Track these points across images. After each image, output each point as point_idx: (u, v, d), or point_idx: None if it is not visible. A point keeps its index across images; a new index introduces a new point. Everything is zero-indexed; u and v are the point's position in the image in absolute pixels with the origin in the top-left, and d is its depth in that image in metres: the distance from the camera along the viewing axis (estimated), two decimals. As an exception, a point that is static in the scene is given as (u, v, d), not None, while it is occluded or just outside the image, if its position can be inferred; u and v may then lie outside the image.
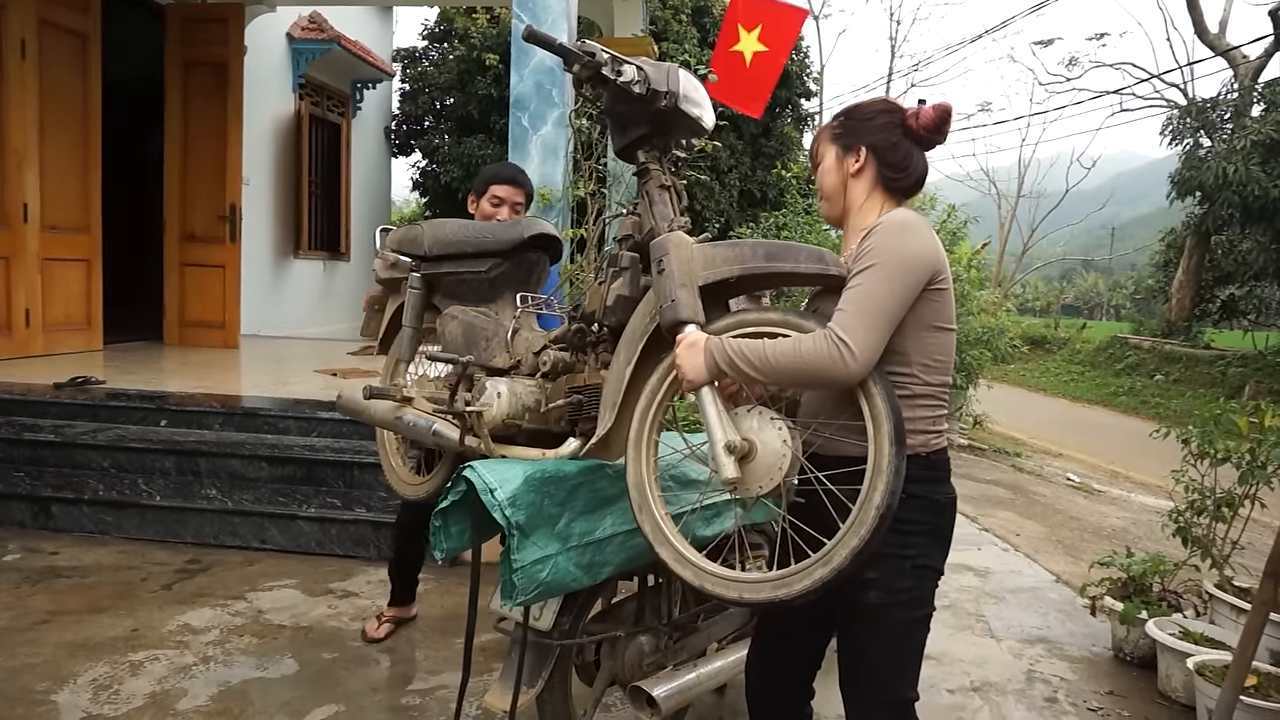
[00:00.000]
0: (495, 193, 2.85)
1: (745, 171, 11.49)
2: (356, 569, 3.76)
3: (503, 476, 1.80)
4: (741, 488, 1.56)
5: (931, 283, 1.57)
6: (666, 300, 1.62)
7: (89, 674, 2.71)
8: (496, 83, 10.46)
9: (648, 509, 1.69)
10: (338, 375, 5.94)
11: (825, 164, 1.75)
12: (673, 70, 1.71)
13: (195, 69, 7.08)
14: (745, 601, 1.54)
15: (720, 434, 1.54)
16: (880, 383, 1.49)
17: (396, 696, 2.71)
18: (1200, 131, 15.42)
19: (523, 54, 4.83)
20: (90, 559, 3.70)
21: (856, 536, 1.42)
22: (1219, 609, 3.23)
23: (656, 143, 1.78)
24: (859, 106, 1.76)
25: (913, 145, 1.69)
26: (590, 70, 1.66)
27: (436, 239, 2.32)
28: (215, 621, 3.14)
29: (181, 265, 7.21)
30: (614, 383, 1.78)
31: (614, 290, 1.82)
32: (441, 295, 2.38)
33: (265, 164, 8.63)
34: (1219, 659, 2.76)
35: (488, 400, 1.98)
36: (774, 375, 1.53)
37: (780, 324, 1.59)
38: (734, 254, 1.63)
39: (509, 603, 1.80)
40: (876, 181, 1.70)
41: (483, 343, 2.19)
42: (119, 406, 4.61)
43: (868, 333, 1.48)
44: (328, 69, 9.65)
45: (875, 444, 1.46)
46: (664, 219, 1.72)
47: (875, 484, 1.43)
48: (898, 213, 1.62)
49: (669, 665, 2.18)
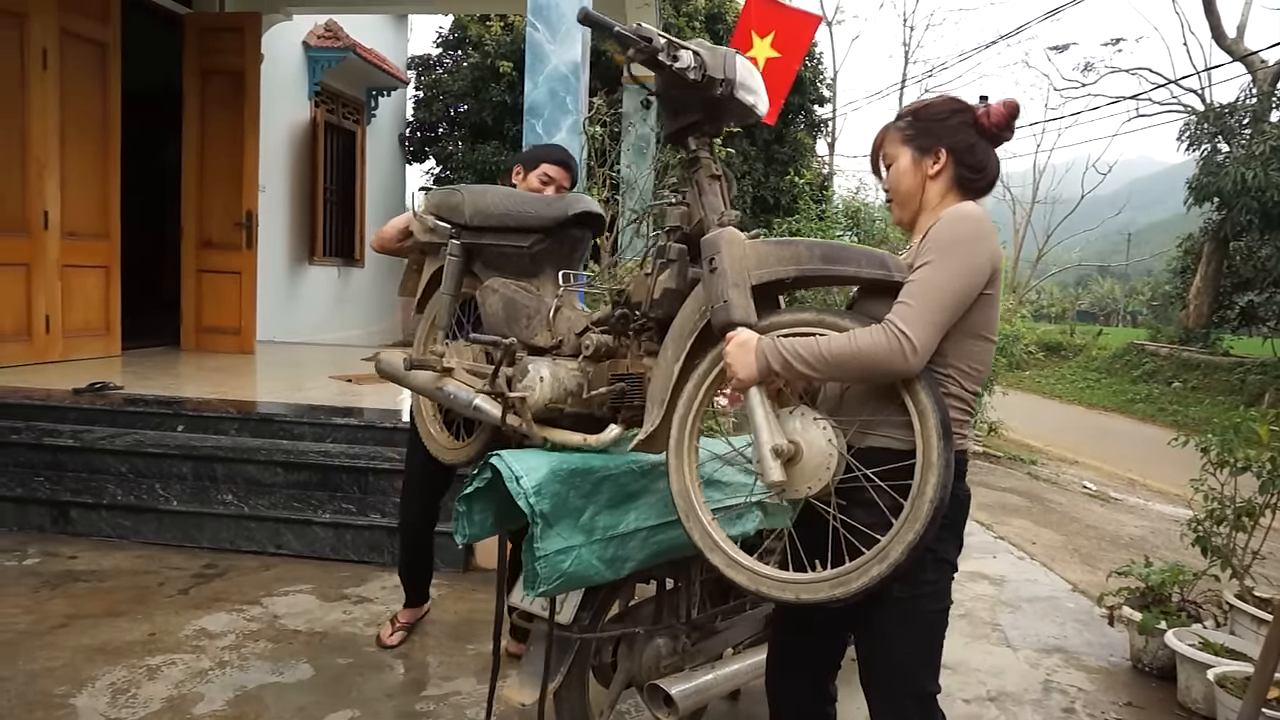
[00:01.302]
0: (546, 171, 2.77)
1: (758, 178, 11.49)
2: (371, 574, 3.77)
3: (529, 465, 1.81)
4: (789, 490, 1.54)
5: (987, 285, 1.56)
6: (719, 300, 1.60)
7: (107, 678, 2.73)
8: (510, 90, 10.51)
9: (695, 516, 1.68)
10: (352, 381, 5.96)
11: (900, 166, 1.72)
12: (729, 56, 1.66)
13: (212, 77, 7.15)
14: (803, 602, 1.53)
15: (768, 436, 1.53)
16: (925, 377, 1.49)
17: (411, 702, 2.71)
18: (1218, 137, 15.31)
19: (537, 61, 4.84)
20: (108, 563, 3.73)
21: (911, 531, 1.42)
22: (1239, 620, 3.19)
23: (708, 129, 1.74)
24: (928, 106, 1.73)
25: (986, 144, 1.68)
26: (646, 55, 1.61)
27: (478, 209, 2.26)
28: (231, 626, 3.16)
29: (198, 271, 7.27)
30: (662, 379, 1.75)
31: (660, 283, 1.79)
32: (481, 265, 2.34)
33: (281, 171, 8.70)
34: (1240, 670, 2.73)
35: (529, 384, 1.96)
36: (830, 371, 1.52)
37: (831, 326, 1.57)
38: (789, 254, 1.61)
39: (531, 592, 1.80)
40: (953, 183, 1.68)
41: (524, 320, 2.16)
42: (137, 412, 4.64)
43: (928, 325, 1.48)
44: (343, 77, 9.72)
45: (924, 438, 1.46)
46: (714, 210, 1.69)
47: (927, 478, 1.43)
48: (962, 205, 1.61)
49: (685, 667, 2.18)
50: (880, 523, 1.50)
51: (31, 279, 5.81)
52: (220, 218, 7.21)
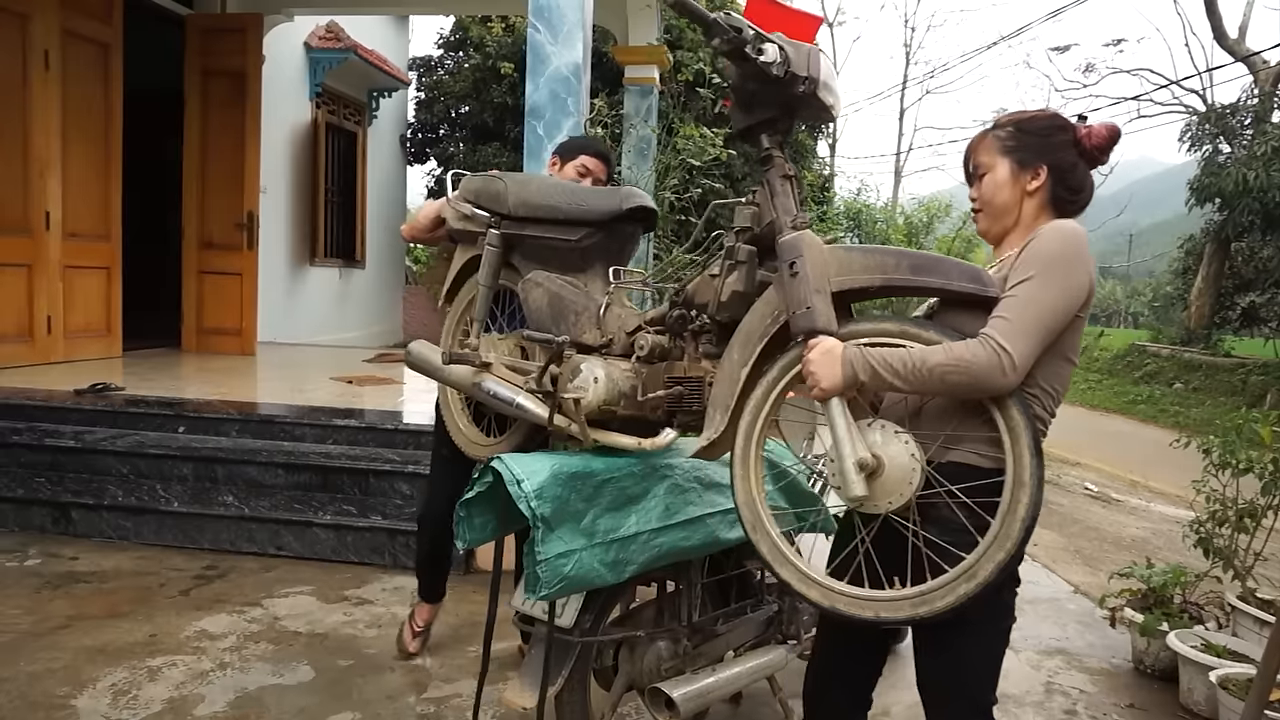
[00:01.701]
0: (584, 163, 2.68)
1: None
2: (372, 576, 3.77)
3: (531, 468, 1.80)
4: (868, 504, 1.49)
5: (1080, 307, 1.53)
6: (800, 307, 1.54)
7: (108, 679, 2.73)
8: (511, 91, 10.53)
9: (762, 529, 1.62)
10: (353, 383, 5.97)
11: (996, 177, 1.66)
12: (814, 53, 1.60)
13: (214, 78, 7.15)
14: (883, 620, 1.49)
15: (850, 450, 1.47)
16: (1016, 393, 1.45)
17: (412, 704, 2.71)
18: (1220, 137, 15.30)
19: (538, 62, 4.84)
20: (109, 564, 3.73)
21: (1002, 550, 1.39)
22: (1242, 621, 3.19)
23: (782, 127, 1.67)
24: (1032, 119, 1.67)
25: (1085, 166, 1.64)
26: (732, 45, 1.54)
27: (523, 200, 2.15)
28: (232, 627, 3.16)
29: (200, 272, 7.28)
30: (727, 384, 1.67)
31: (729, 285, 1.72)
32: (521, 256, 2.22)
33: (282, 172, 8.70)
34: (1242, 672, 2.73)
35: (583, 384, 1.88)
36: (922, 384, 1.46)
37: (915, 338, 1.51)
38: (874, 262, 1.54)
39: (532, 595, 1.79)
40: (1048, 202, 1.64)
41: (571, 316, 2.07)
42: (138, 413, 4.64)
43: (1027, 342, 1.44)
44: (344, 78, 9.73)
45: (1015, 455, 1.42)
46: (786, 212, 1.63)
47: (1019, 496, 1.40)
48: (1063, 222, 1.57)
49: (687, 670, 2.18)
50: (955, 540, 1.46)
51: (33, 280, 5.81)
52: (221, 219, 7.21)
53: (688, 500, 2.07)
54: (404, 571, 3.83)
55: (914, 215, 9.89)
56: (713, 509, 2.12)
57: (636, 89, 7.61)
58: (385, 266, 11.59)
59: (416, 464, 4.20)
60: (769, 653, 2.37)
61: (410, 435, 4.47)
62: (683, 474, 2.08)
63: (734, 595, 2.42)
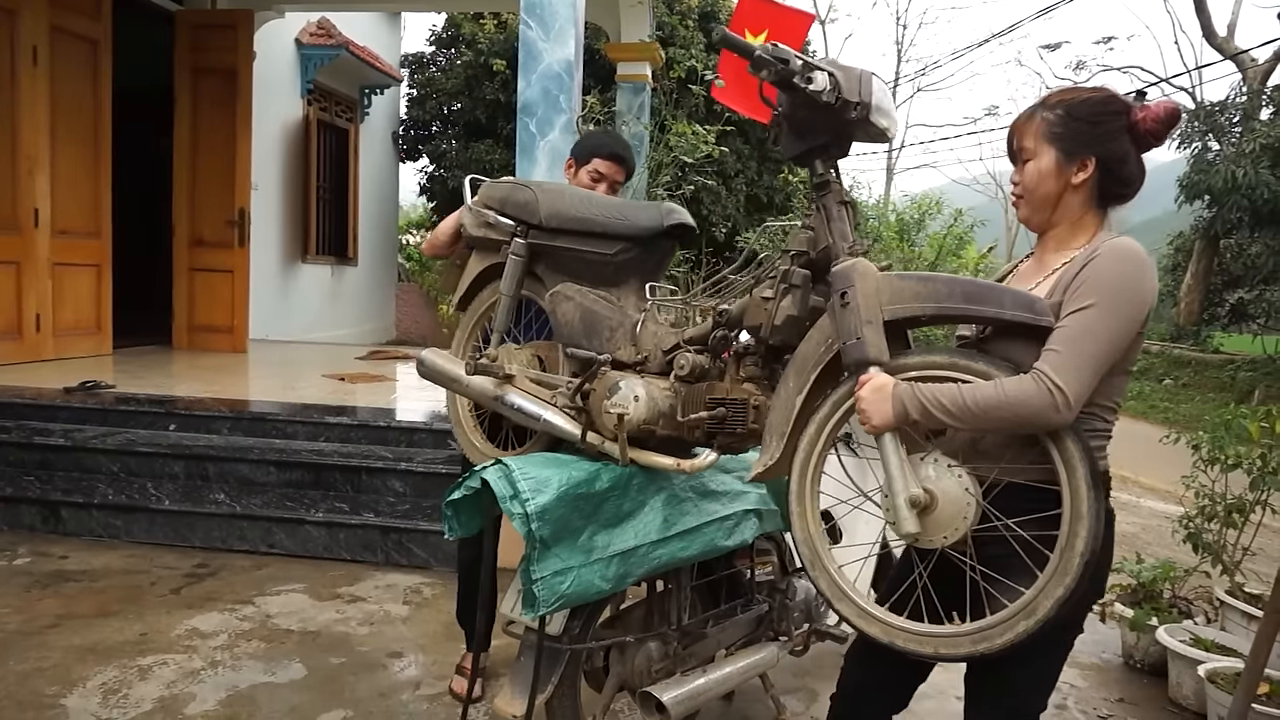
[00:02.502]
0: (598, 167, 2.62)
1: (752, 176, 11.50)
2: (364, 574, 3.77)
3: (535, 486, 1.77)
4: (922, 539, 1.48)
5: (1142, 324, 1.47)
6: (851, 337, 1.52)
7: (98, 678, 2.72)
8: (504, 88, 10.49)
9: (820, 566, 1.62)
10: (345, 380, 5.95)
11: (1040, 166, 1.57)
12: (865, 77, 1.58)
13: (204, 75, 7.12)
14: (941, 657, 1.48)
15: (903, 486, 1.46)
16: (1073, 426, 1.41)
17: (405, 701, 2.71)
18: (1208, 135, 15.35)
19: (530, 60, 4.83)
20: (99, 563, 3.71)
21: (1061, 586, 1.37)
22: (1230, 616, 3.21)
23: (835, 152, 1.66)
24: (1084, 102, 1.55)
25: (1138, 153, 1.54)
26: (780, 76, 1.53)
27: (555, 211, 2.09)
28: (223, 626, 3.15)
29: (191, 270, 7.25)
30: (783, 411, 1.65)
31: (783, 309, 1.70)
32: (547, 267, 2.17)
33: (274, 169, 8.67)
34: (1231, 666, 2.75)
35: (622, 401, 1.85)
36: (974, 422, 1.43)
37: (965, 370, 1.48)
38: (927, 290, 1.51)
39: (531, 613, 1.78)
40: (1095, 192, 1.56)
41: (605, 332, 2.03)
42: (128, 411, 4.62)
43: (1082, 377, 1.39)
44: (336, 75, 9.69)
45: (1072, 489, 1.39)
46: (842, 238, 1.62)
47: (1077, 530, 1.37)
48: (1124, 242, 1.48)
49: (678, 671, 2.17)
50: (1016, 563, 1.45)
51: (22, 277, 5.78)
52: (212, 216, 7.19)
53: (684, 511, 2.06)
54: (396, 569, 3.83)
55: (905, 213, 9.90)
56: (710, 518, 2.11)
57: (629, 86, 7.61)
58: (378, 264, 11.55)
59: (409, 461, 4.19)
60: (760, 651, 2.38)
61: (403, 432, 4.47)
62: (680, 484, 2.08)
63: (724, 595, 2.42)
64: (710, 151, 5.63)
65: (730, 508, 2.17)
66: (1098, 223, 1.58)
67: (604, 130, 4.43)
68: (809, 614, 2.57)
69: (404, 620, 3.31)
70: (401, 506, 4.05)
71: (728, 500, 2.18)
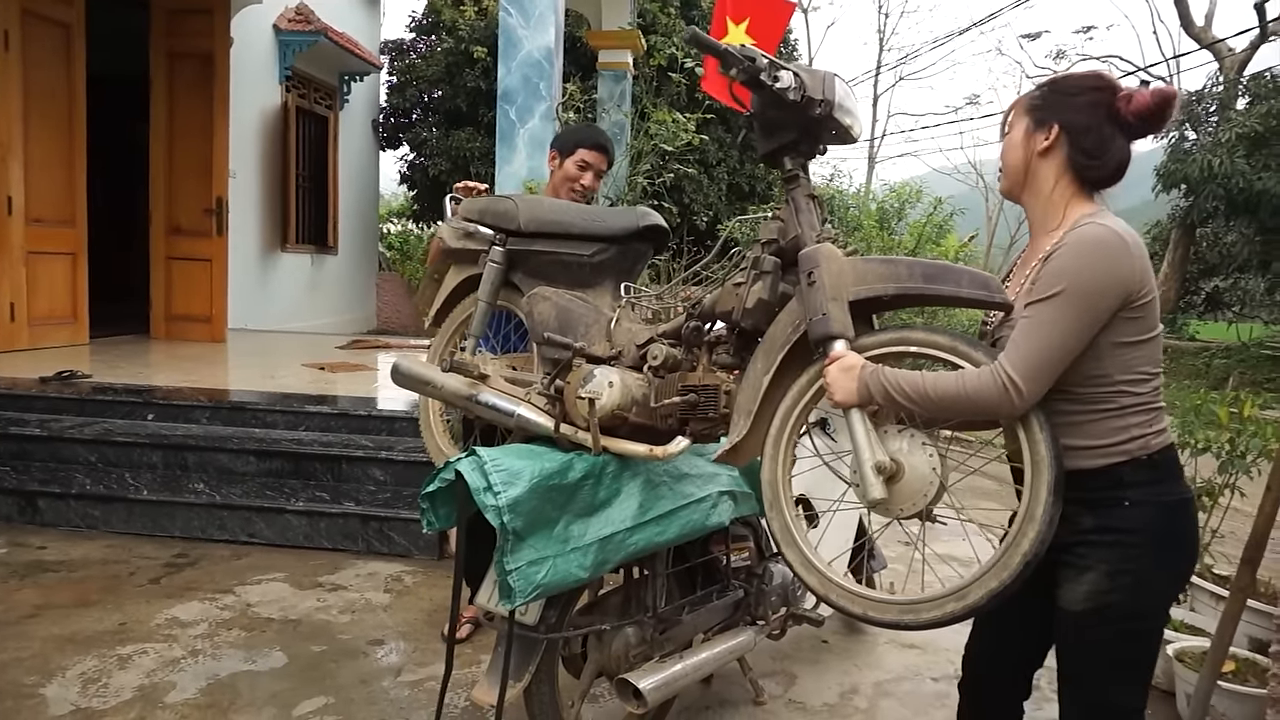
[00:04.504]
0: (584, 157, 2.73)
1: (733, 165, 11.51)
2: (345, 562, 3.77)
3: (507, 478, 1.79)
4: (887, 507, 1.53)
5: (1128, 305, 1.46)
6: (817, 313, 1.59)
7: (77, 667, 2.71)
8: (485, 75, 10.44)
9: (779, 508, 1.67)
10: (326, 369, 5.93)
11: (1012, 136, 1.62)
12: (829, 78, 1.67)
13: (180, 61, 7.03)
14: (869, 618, 1.53)
15: (869, 454, 1.52)
16: (1046, 428, 1.43)
17: (386, 688, 2.72)
18: (1185, 124, 15.49)
19: (510, 47, 4.81)
20: (77, 553, 3.70)
21: (997, 579, 1.40)
22: (1199, 597, 3.27)
23: (804, 149, 1.74)
24: (1067, 79, 1.60)
25: (1115, 130, 1.53)
26: (748, 74, 1.61)
27: (534, 216, 2.18)
28: (203, 615, 3.15)
29: (168, 259, 7.18)
30: (750, 390, 1.72)
31: (754, 293, 1.77)
32: (524, 274, 2.24)
33: (252, 157, 8.59)
34: (1198, 646, 2.81)
35: (597, 389, 1.90)
36: (934, 410, 1.49)
37: (948, 349, 1.52)
38: (889, 271, 1.58)
39: (508, 603, 1.80)
40: (1066, 166, 1.56)
41: (580, 328, 2.11)
42: (105, 400, 4.59)
43: (1038, 369, 1.42)
44: (315, 61, 9.60)
45: (1032, 491, 1.41)
46: (810, 228, 1.69)
47: (1025, 530, 1.40)
48: (1089, 230, 1.47)
49: (655, 656, 2.20)
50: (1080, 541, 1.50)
51: (-5, 266, 5.71)
52: (190, 204, 7.12)
53: (660, 495, 2.08)
54: (377, 557, 3.84)
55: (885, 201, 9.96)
56: (686, 500, 2.14)
57: (610, 74, 7.59)
58: (358, 253, 11.48)
59: (390, 450, 4.19)
60: (738, 635, 2.41)
61: (383, 421, 4.47)
62: (654, 469, 2.10)
63: (701, 581, 2.44)
64: (691, 140, 5.63)
65: (705, 489, 2.20)
66: (1072, 200, 1.57)
67: (583, 123, 4.44)
68: (786, 598, 2.60)
69: (385, 608, 3.32)
70: (382, 495, 4.06)
71: (702, 482, 2.21)
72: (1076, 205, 1.57)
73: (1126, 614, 1.54)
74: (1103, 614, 1.53)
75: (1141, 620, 1.57)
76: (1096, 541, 1.52)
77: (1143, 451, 1.51)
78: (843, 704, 2.79)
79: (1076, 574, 1.54)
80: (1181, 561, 1.60)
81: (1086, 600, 1.53)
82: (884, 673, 3.02)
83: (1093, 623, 1.55)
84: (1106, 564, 1.52)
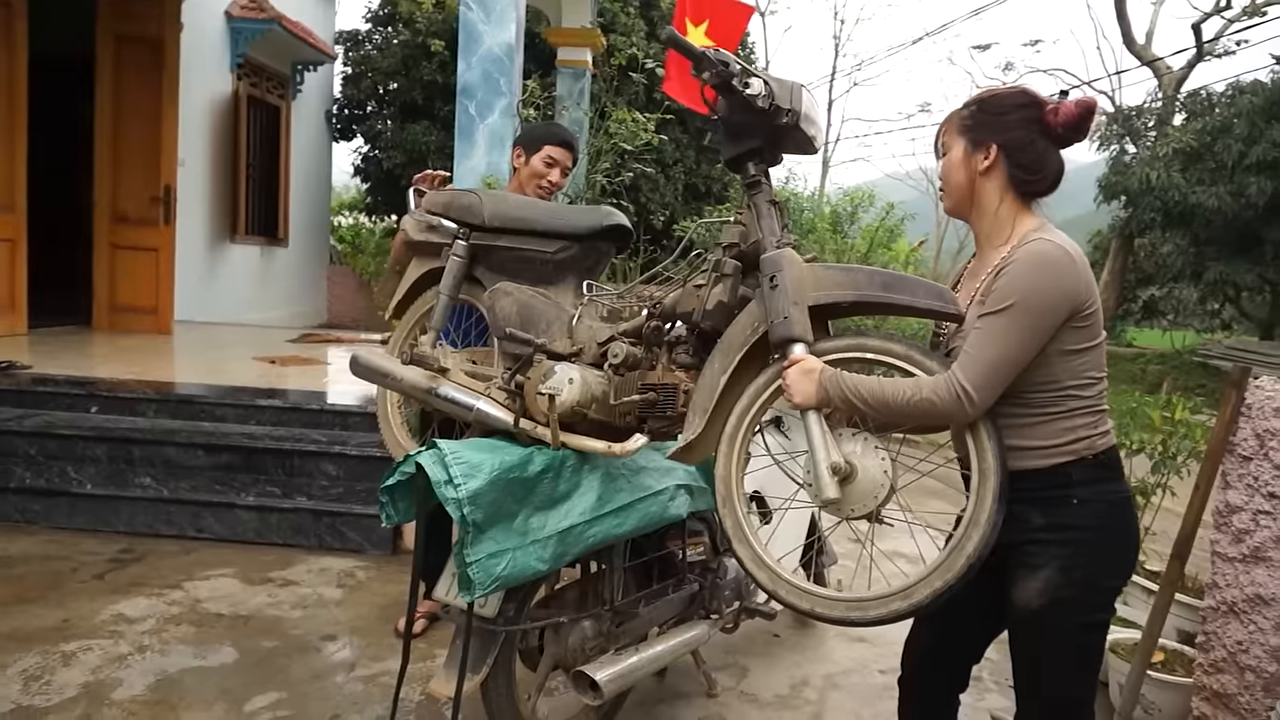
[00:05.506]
0: (550, 154, 2.74)
1: (690, 165, 11.59)
2: (296, 558, 3.73)
3: (468, 470, 1.80)
4: (839, 508, 1.58)
5: (1075, 316, 1.53)
6: (779, 316, 1.63)
7: (18, 665, 2.65)
8: (442, 69, 10.35)
9: (731, 505, 1.70)
10: (276, 363, 5.84)
11: (951, 158, 1.68)
12: (797, 88, 1.70)
13: (128, 44, 6.84)
14: (817, 615, 1.57)
15: (824, 454, 1.56)
16: (994, 436, 1.50)
17: (339, 683, 2.71)
18: (1126, 138, 15.99)
19: (470, 42, 4.79)
20: (17, 549, 3.59)
21: (941, 580, 1.45)
22: (1132, 591, 3.40)
23: (767, 156, 1.78)
24: (994, 97, 1.66)
25: (1048, 144, 1.61)
26: (720, 79, 1.64)
27: (498, 212, 2.19)
28: (151, 611, 3.09)
29: (112, 247, 6.98)
30: (707, 389, 1.75)
31: (714, 295, 1.80)
32: (487, 269, 2.26)
33: (201, 145, 8.39)
34: (1130, 637, 2.93)
35: (557, 385, 1.92)
36: (890, 415, 1.54)
37: (903, 357, 1.57)
38: (848, 279, 1.63)
39: (467, 596, 1.81)
40: (1008, 183, 1.63)
41: (542, 324, 2.12)
42: (46, 392, 4.46)
43: (990, 379, 1.48)
44: (267, 50, 9.41)
45: (978, 496, 1.47)
46: (771, 233, 1.72)
47: (970, 534, 1.45)
48: (1037, 246, 1.54)
49: (611, 649, 2.23)
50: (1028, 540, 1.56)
51: (-71, 252, 5.51)
52: (136, 192, 6.93)
53: (618, 488, 2.12)
54: (329, 552, 3.80)
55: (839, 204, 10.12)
56: (644, 493, 2.17)
57: (569, 71, 7.59)
58: (309, 245, 11.29)
59: (343, 445, 4.15)
60: (692, 629, 2.45)
61: (336, 415, 4.42)
62: (613, 463, 2.12)
63: (656, 575, 2.48)
64: (650, 139, 5.66)
65: (663, 482, 2.24)
66: (1018, 215, 1.64)
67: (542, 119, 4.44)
68: (739, 592, 2.66)
69: (338, 603, 3.30)
70: (335, 490, 4.02)
71: (660, 475, 2.25)
72: (1022, 220, 1.64)
73: (1081, 607, 1.61)
74: (1060, 609, 1.59)
75: (1095, 613, 1.64)
76: (1048, 540, 1.58)
77: (1089, 451, 1.58)
78: (793, 696, 2.85)
79: (1029, 572, 1.60)
80: (1129, 554, 1.68)
81: (1042, 596, 1.59)
82: (833, 665, 3.09)
83: (1050, 618, 1.60)
84: (1060, 560, 1.58)
